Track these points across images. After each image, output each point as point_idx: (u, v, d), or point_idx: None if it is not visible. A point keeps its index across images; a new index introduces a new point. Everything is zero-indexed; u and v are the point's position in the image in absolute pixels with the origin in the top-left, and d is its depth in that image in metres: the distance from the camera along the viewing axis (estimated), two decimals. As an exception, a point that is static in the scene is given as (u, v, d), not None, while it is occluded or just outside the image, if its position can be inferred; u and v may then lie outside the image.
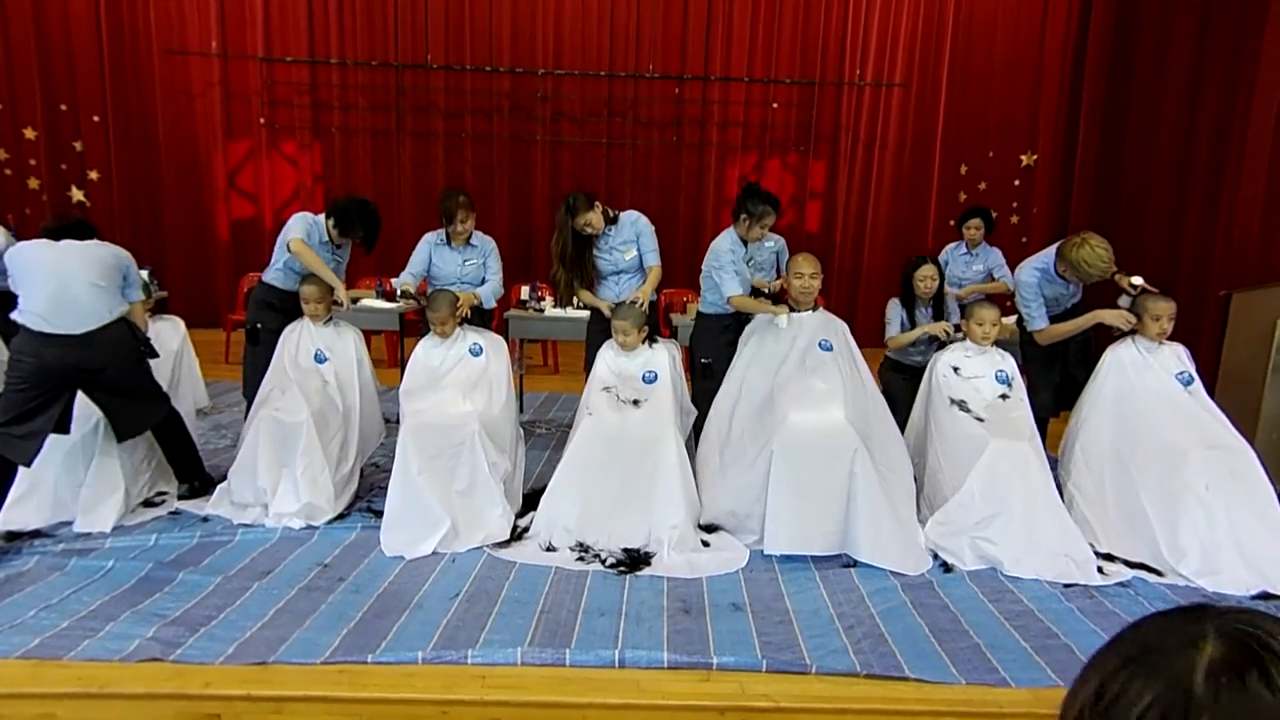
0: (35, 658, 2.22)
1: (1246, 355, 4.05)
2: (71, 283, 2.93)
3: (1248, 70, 5.16)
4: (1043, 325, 3.53)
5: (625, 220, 3.80)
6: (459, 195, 3.76)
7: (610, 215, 3.75)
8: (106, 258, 3.08)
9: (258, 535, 3.08)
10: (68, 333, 2.89)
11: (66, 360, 2.89)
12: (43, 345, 2.87)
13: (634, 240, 3.79)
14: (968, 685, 2.25)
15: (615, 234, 3.78)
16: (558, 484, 3.13)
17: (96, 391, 3.04)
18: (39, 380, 2.88)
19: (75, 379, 2.96)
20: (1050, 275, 3.55)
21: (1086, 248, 3.32)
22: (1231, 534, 2.92)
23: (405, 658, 2.27)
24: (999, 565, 2.96)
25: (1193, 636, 0.54)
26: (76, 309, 2.92)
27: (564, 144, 7.19)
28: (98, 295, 2.97)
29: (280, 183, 7.16)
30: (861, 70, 7.13)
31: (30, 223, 6.71)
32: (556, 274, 3.80)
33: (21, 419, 2.86)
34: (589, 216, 3.65)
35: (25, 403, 2.87)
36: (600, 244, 3.79)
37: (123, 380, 3.07)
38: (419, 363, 3.51)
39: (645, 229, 3.81)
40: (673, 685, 2.22)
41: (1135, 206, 6.15)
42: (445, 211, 3.75)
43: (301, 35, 6.87)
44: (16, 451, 2.86)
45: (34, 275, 2.94)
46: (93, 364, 2.94)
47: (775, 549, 2.95)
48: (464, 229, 3.77)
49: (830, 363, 3.26)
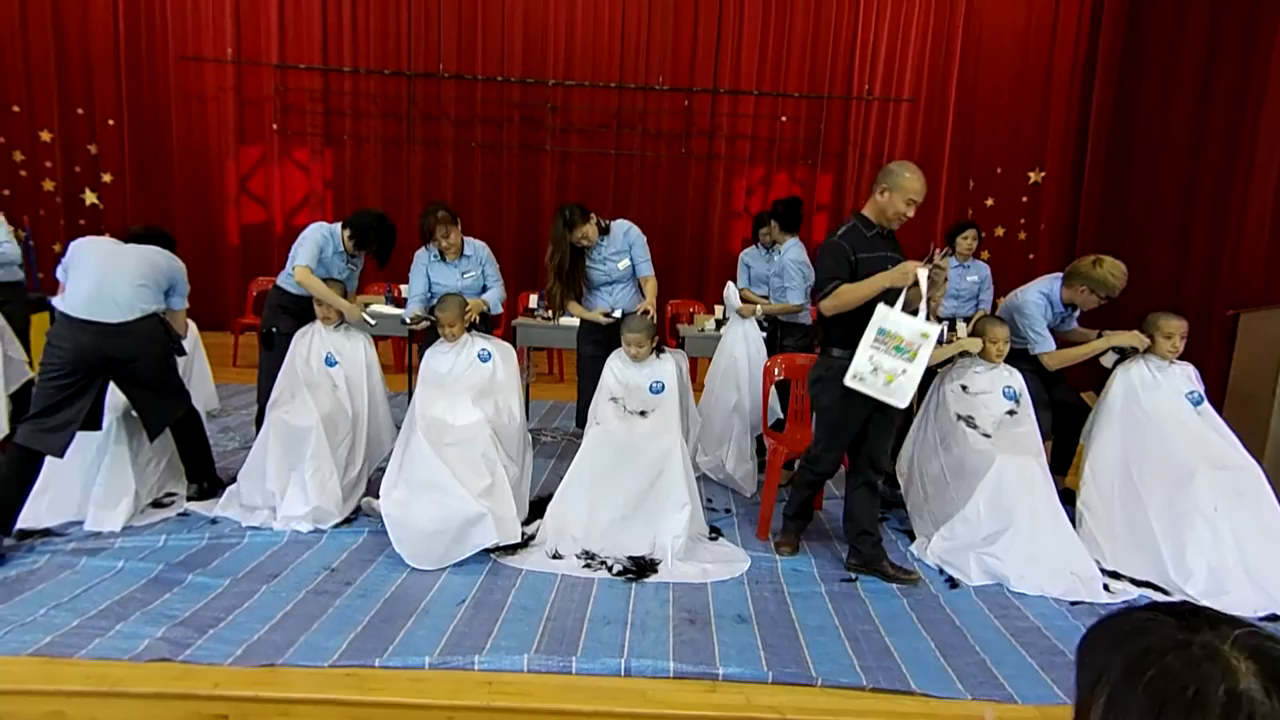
0: (45, 655, 2.24)
1: (1254, 375, 4.05)
2: (117, 277, 3.04)
3: (1255, 90, 5.18)
4: (1050, 348, 3.54)
5: (617, 230, 3.78)
6: (436, 211, 3.69)
7: (602, 225, 3.73)
8: (160, 263, 3.19)
9: (266, 538, 3.10)
10: (104, 320, 2.97)
11: (100, 347, 2.97)
12: (79, 332, 2.96)
13: (626, 250, 3.78)
14: (973, 700, 2.25)
15: (608, 244, 3.77)
16: (565, 492, 3.14)
17: (124, 382, 3.10)
18: (73, 369, 2.95)
19: (106, 368, 3.03)
20: (1055, 301, 3.57)
21: (1106, 263, 3.43)
22: (1239, 554, 2.91)
23: (412, 662, 2.28)
24: (1005, 581, 2.96)
25: (1219, 659, 0.54)
26: (115, 300, 3.01)
27: (573, 154, 7.24)
28: (138, 292, 3.06)
29: (291, 188, 7.22)
30: (870, 85, 7.17)
31: (44, 224, 6.79)
32: (552, 288, 3.79)
33: (52, 410, 2.92)
34: (585, 229, 3.65)
35: (57, 393, 2.93)
36: (593, 255, 3.78)
37: (150, 373, 3.13)
38: (428, 369, 3.54)
39: (637, 239, 3.79)
40: (678, 695, 2.23)
41: (1142, 225, 6.16)
42: (425, 230, 3.72)
43: (315, 43, 6.95)
44: (47, 444, 2.91)
45: (84, 265, 3.06)
46: (124, 353, 3.02)
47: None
48: (450, 243, 3.74)
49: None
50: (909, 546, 3.32)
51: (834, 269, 2.84)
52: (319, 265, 3.61)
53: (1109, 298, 3.48)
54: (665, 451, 3.10)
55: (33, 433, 2.90)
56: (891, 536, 3.44)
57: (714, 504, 3.71)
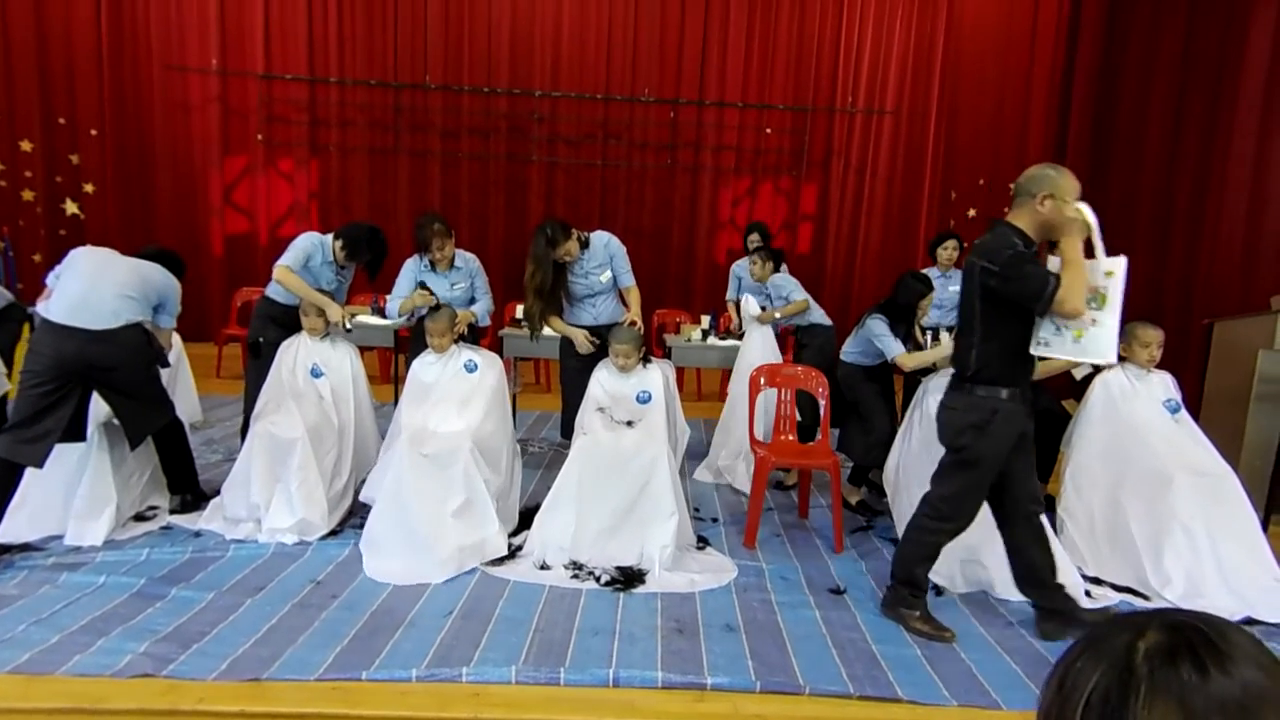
0: (25, 673, 2.21)
1: (1229, 383, 4.12)
2: (104, 285, 3.04)
3: (1229, 103, 5.30)
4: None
5: (597, 243, 3.73)
6: (434, 223, 3.69)
7: (582, 239, 3.68)
8: (152, 278, 3.19)
9: (250, 551, 3.07)
10: (87, 327, 2.97)
11: (82, 354, 2.96)
12: (61, 338, 2.95)
13: (608, 262, 3.74)
14: (960, 707, 2.27)
15: (589, 258, 3.72)
16: (552, 503, 3.14)
17: (106, 390, 3.09)
18: (54, 375, 2.93)
19: (88, 375, 3.01)
20: None
21: None
22: (1215, 560, 2.96)
23: (399, 675, 2.27)
24: (989, 588, 2.99)
25: (1138, 626, 0.62)
26: (99, 308, 3.00)
27: (559, 165, 7.26)
28: (123, 302, 3.06)
29: (276, 199, 7.18)
30: (853, 97, 7.26)
31: (24, 235, 6.71)
32: (531, 307, 3.66)
33: (32, 420, 2.90)
34: (568, 245, 3.59)
35: (37, 402, 2.91)
36: (574, 269, 3.73)
37: (131, 381, 3.12)
38: (414, 379, 3.53)
39: (618, 250, 3.76)
40: (667, 705, 2.23)
41: (1120, 235, 6.24)
42: (421, 241, 3.71)
43: (301, 53, 6.94)
44: (27, 455, 2.88)
45: (75, 271, 3.07)
46: (105, 361, 3.00)
47: None
48: (443, 255, 3.74)
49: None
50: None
51: (1043, 271, 2.36)
52: (306, 273, 3.61)
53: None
54: (652, 461, 3.11)
55: (12, 444, 2.87)
56: (877, 544, 3.46)
57: (701, 513, 3.72)
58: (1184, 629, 0.60)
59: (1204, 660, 0.57)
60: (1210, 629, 0.60)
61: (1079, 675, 0.61)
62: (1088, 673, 0.60)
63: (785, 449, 3.76)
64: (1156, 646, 0.59)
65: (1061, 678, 0.63)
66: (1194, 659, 0.58)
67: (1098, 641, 0.62)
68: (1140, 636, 0.60)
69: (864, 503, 3.92)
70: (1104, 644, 0.62)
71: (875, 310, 3.72)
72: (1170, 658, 0.58)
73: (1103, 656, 0.61)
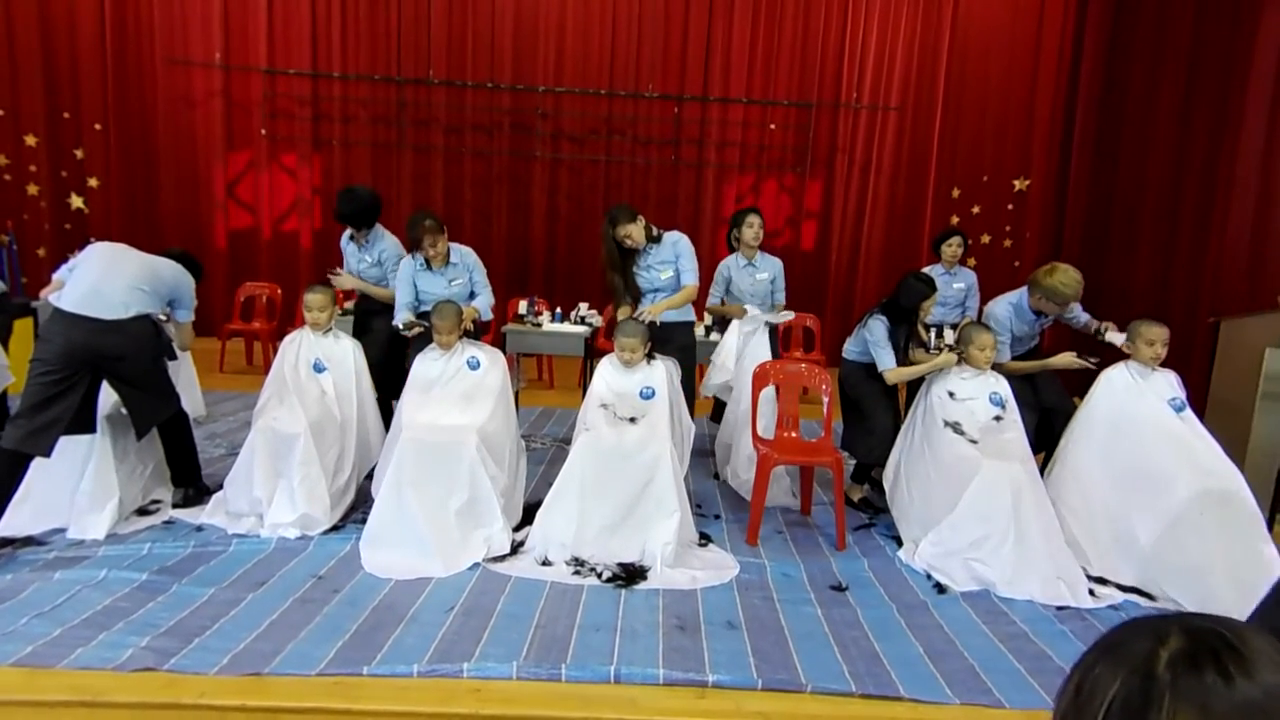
0: (27, 665, 2.21)
1: (1235, 382, 4.10)
2: (115, 277, 3.08)
3: (1235, 101, 5.27)
4: (1005, 359, 3.69)
5: (667, 240, 3.86)
6: (424, 220, 3.70)
7: (654, 233, 3.81)
8: (164, 273, 3.24)
9: (252, 545, 3.08)
10: (97, 316, 2.99)
11: (91, 343, 2.98)
12: (71, 327, 2.97)
13: (673, 260, 3.84)
14: (962, 706, 2.26)
15: (655, 253, 3.84)
16: (554, 499, 3.13)
17: (114, 380, 3.11)
18: (62, 363, 2.95)
19: (96, 364, 3.03)
20: (1022, 310, 3.70)
21: (1058, 273, 3.57)
22: (1221, 559, 2.94)
23: (400, 670, 2.27)
24: (992, 587, 2.98)
25: (1159, 632, 0.61)
26: (110, 299, 3.04)
27: (563, 161, 7.25)
28: (133, 294, 3.09)
29: (279, 194, 7.18)
30: (858, 93, 7.23)
31: (28, 229, 6.72)
32: (612, 280, 3.89)
33: (40, 407, 2.91)
34: (629, 229, 3.73)
35: (46, 390, 2.93)
36: (639, 261, 3.85)
37: (138, 372, 3.13)
38: (417, 376, 3.52)
39: (685, 249, 3.85)
40: (668, 702, 2.23)
41: (1126, 232, 6.24)
42: (413, 240, 3.74)
43: (304, 48, 6.93)
44: (34, 444, 2.90)
45: (89, 263, 3.12)
46: (113, 350, 3.03)
47: None
48: (437, 251, 3.75)
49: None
50: (897, 552, 3.33)
51: None
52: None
53: (1068, 304, 3.63)
54: (655, 458, 3.10)
55: (19, 434, 2.88)
56: (879, 542, 3.45)
57: (703, 510, 3.71)
58: (1206, 635, 0.60)
59: (1227, 666, 0.57)
60: (1232, 634, 0.60)
61: (1098, 681, 0.61)
62: (1107, 679, 0.60)
63: (788, 446, 3.75)
64: (1179, 653, 0.59)
65: (1079, 683, 0.62)
66: (1218, 665, 0.57)
67: (1116, 647, 0.62)
68: (1162, 643, 0.60)
69: (867, 500, 3.91)
70: (1123, 650, 0.61)
71: (877, 310, 3.69)
72: (1194, 664, 0.58)
73: (1123, 663, 0.60)
